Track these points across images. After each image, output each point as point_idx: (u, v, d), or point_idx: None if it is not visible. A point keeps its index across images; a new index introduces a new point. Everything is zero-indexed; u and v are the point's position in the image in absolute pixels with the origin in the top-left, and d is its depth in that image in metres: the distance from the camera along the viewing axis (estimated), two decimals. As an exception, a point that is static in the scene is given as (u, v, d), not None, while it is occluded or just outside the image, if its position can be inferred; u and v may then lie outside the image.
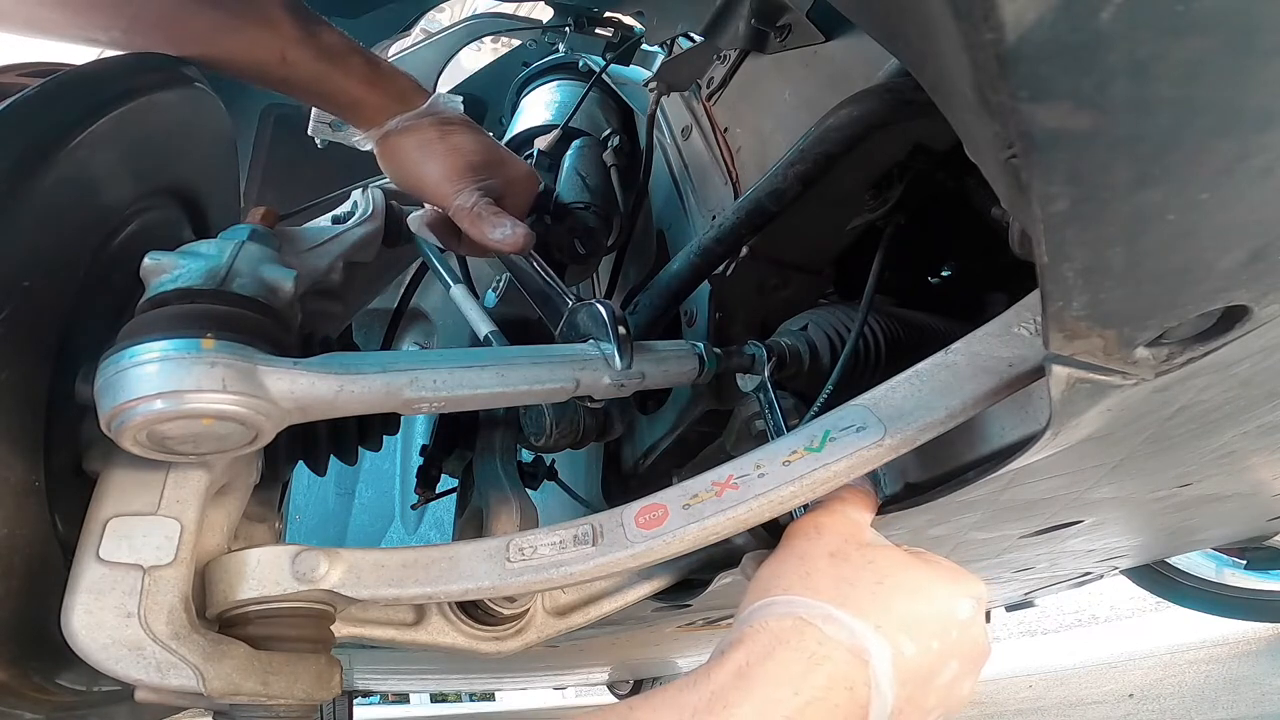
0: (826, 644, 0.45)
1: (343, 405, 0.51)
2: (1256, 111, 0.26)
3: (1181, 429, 0.58)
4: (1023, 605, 2.16)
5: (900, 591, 0.48)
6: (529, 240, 0.72)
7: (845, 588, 0.47)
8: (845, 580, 0.48)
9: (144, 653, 0.47)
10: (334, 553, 0.53)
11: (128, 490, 0.51)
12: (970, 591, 0.50)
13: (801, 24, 0.83)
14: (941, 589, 0.49)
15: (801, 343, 0.77)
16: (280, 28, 0.67)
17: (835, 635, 0.45)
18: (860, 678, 0.44)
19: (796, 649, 0.45)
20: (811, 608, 0.46)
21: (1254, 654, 2.17)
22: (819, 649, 0.44)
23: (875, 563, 0.49)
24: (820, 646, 0.45)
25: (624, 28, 1.25)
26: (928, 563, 0.51)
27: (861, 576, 0.48)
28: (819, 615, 0.46)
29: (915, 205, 0.78)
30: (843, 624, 0.45)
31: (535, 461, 0.97)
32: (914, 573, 0.49)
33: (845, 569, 0.49)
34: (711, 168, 0.95)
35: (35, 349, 0.51)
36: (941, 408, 0.50)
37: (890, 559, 0.50)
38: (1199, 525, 1.21)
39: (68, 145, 0.51)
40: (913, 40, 0.37)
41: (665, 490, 0.54)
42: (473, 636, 0.67)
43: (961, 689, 0.50)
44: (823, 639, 0.45)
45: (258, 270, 0.56)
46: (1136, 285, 0.34)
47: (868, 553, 0.50)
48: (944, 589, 0.49)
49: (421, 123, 0.73)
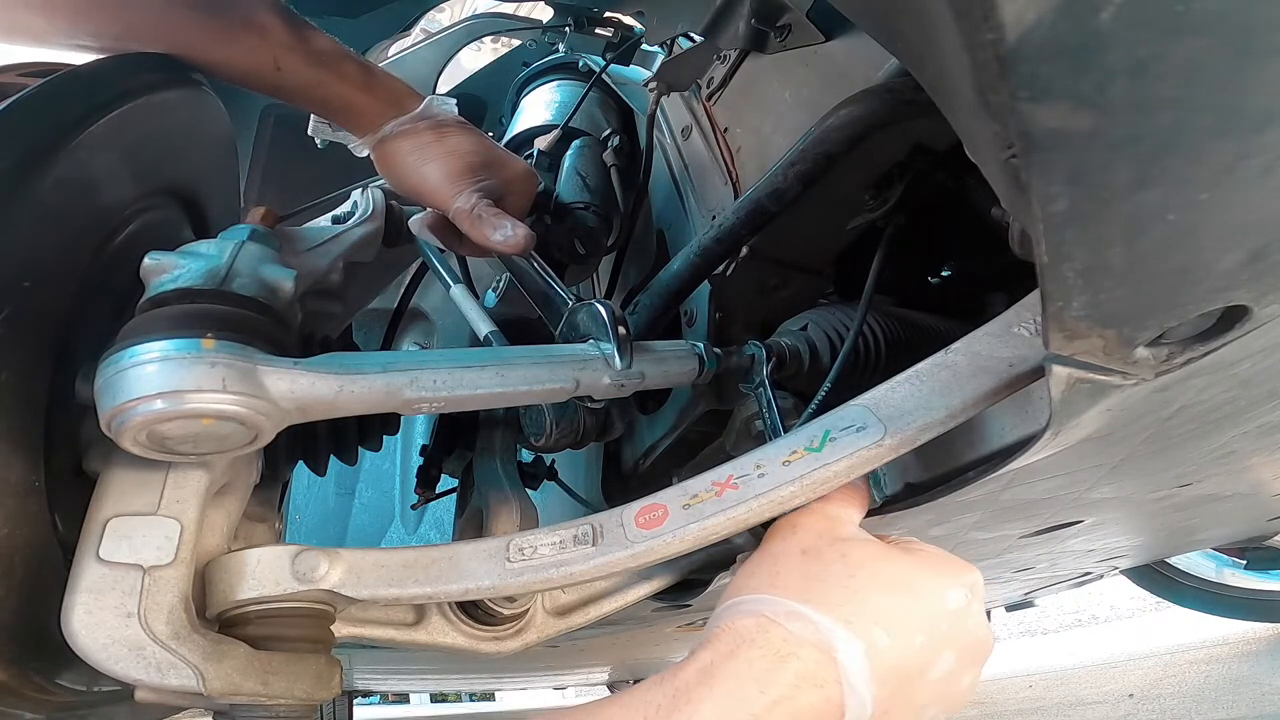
0: (792, 641, 0.44)
1: (343, 405, 0.51)
2: (1256, 111, 0.26)
3: (1181, 429, 0.58)
4: (1023, 605, 2.16)
5: (875, 584, 0.46)
6: (529, 241, 0.72)
7: (813, 584, 0.46)
8: (814, 576, 0.47)
9: (144, 653, 0.47)
10: (334, 553, 0.53)
11: (128, 490, 0.51)
12: (960, 580, 0.48)
13: (801, 24, 0.83)
14: (924, 579, 0.47)
15: (801, 343, 0.77)
16: (271, 35, 0.67)
17: (800, 632, 0.44)
18: (830, 675, 0.43)
19: (761, 647, 0.44)
20: (776, 605, 0.45)
21: (1254, 654, 2.18)
22: (784, 646, 0.43)
23: (848, 556, 0.48)
24: (785, 644, 0.44)
25: (624, 28, 1.25)
26: (910, 553, 0.49)
27: (832, 572, 0.47)
28: (783, 613, 0.45)
29: (915, 205, 0.78)
30: (808, 620, 0.44)
31: (535, 461, 0.97)
32: (892, 564, 0.47)
33: (815, 565, 0.48)
34: (711, 168, 0.95)
35: (35, 349, 0.51)
36: (941, 408, 0.50)
37: (865, 552, 0.48)
38: (1199, 525, 1.21)
39: (68, 145, 0.51)
40: (913, 40, 0.37)
41: (665, 490, 0.54)
42: (473, 636, 0.67)
43: (960, 684, 0.48)
44: (788, 636, 0.44)
45: (258, 270, 0.56)
46: (1136, 285, 0.34)
47: (841, 547, 0.49)
48: (927, 579, 0.47)
49: (417, 126, 0.73)
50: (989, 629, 0.49)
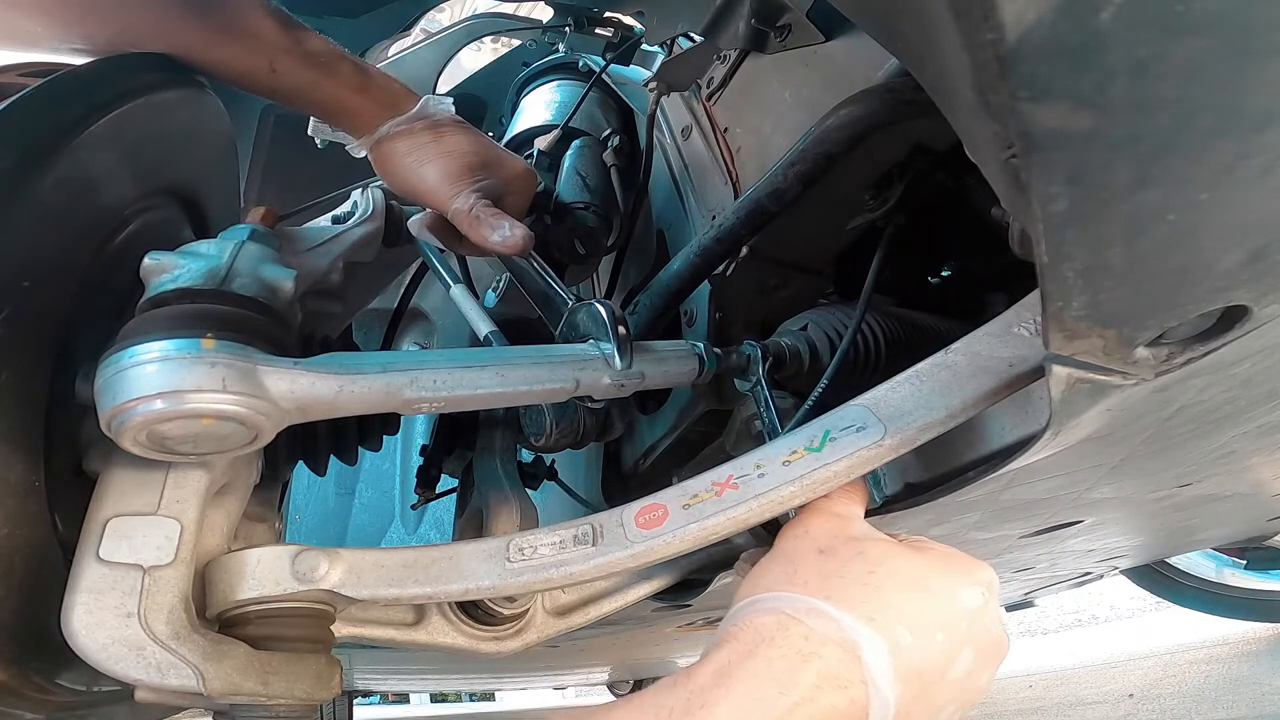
0: (814, 639, 0.42)
1: (343, 405, 0.51)
2: (1256, 111, 0.26)
3: (1181, 429, 0.58)
4: (1023, 605, 2.16)
5: (894, 582, 0.45)
6: (529, 241, 0.71)
7: (833, 581, 0.45)
8: (833, 574, 0.45)
9: (144, 653, 0.47)
10: (334, 553, 0.53)
11: (128, 490, 0.51)
12: (976, 579, 0.47)
13: (801, 24, 0.83)
14: (940, 577, 0.46)
15: (801, 342, 0.77)
16: (266, 37, 0.66)
17: (823, 630, 0.42)
18: (855, 675, 0.41)
19: (781, 646, 0.42)
20: (797, 602, 0.44)
21: (1254, 654, 2.18)
22: (806, 645, 0.42)
23: (866, 554, 0.47)
24: (807, 643, 0.42)
25: (624, 28, 1.25)
26: (925, 551, 0.48)
27: (851, 569, 0.46)
28: (804, 610, 0.43)
29: (915, 205, 0.78)
30: (831, 618, 0.43)
31: (535, 461, 0.97)
32: (909, 562, 0.46)
33: (833, 563, 0.46)
34: (711, 168, 0.95)
35: (35, 349, 0.51)
36: (941, 408, 0.50)
37: (882, 549, 0.47)
38: (1199, 525, 1.21)
39: (68, 145, 0.51)
40: (913, 40, 0.37)
41: (665, 490, 0.54)
42: (473, 636, 0.67)
43: (977, 683, 0.46)
44: (810, 634, 0.42)
45: (258, 270, 0.56)
46: (1136, 285, 0.34)
47: (857, 544, 0.48)
48: (943, 577, 0.46)
49: (414, 127, 0.73)
50: (1005, 628, 0.49)
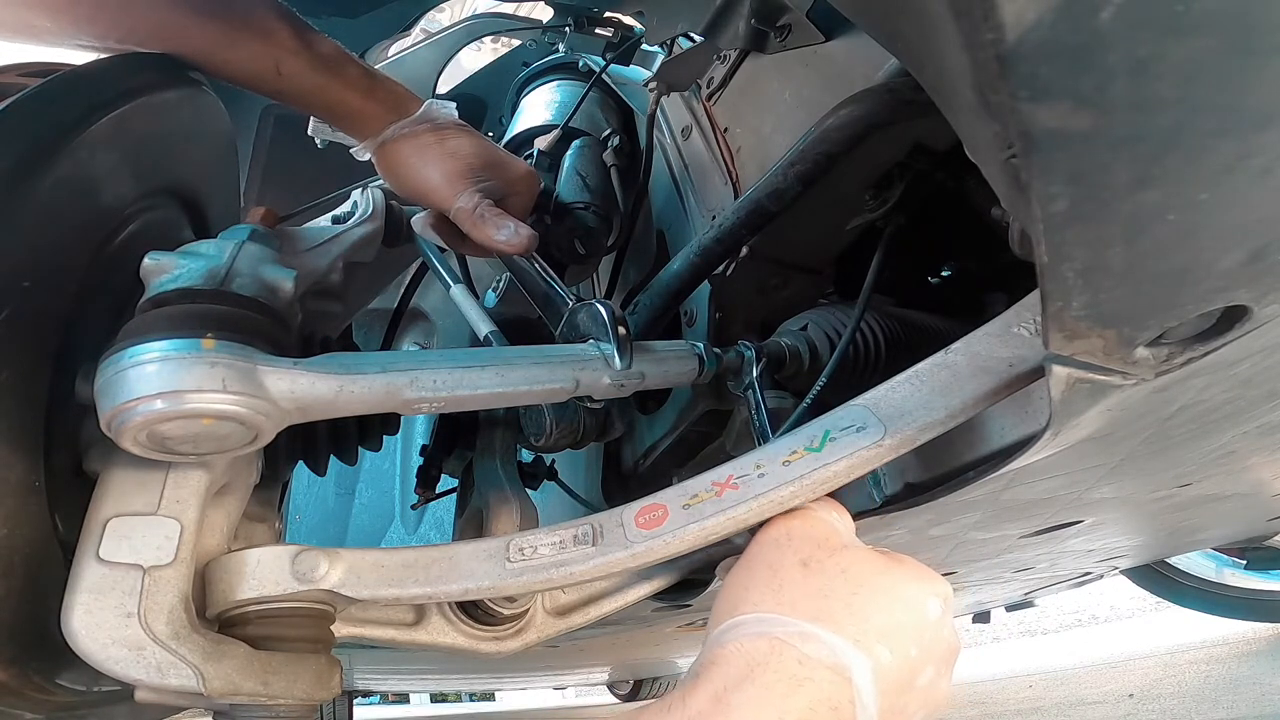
0: (807, 664, 0.43)
1: (343, 405, 0.51)
2: (1256, 111, 0.26)
3: (1181, 429, 0.58)
4: (1023, 605, 2.16)
5: (876, 600, 0.46)
6: (532, 241, 0.72)
7: (820, 601, 0.46)
8: (820, 593, 0.46)
9: (144, 653, 0.47)
10: (334, 553, 0.53)
11: (128, 490, 0.51)
12: (937, 591, 0.49)
13: (801, 24, 0.83)
14: (912, 591, 0.47)
15: (801, 342, 0.77)
16: (275, 39, 0.67)
17: (815, 654, 0.43)
18: (844, 696, 0.43)
19: (776, 671, 0.43)
20: (788, 626, 0.45)
21: (1254, 654, 2.18)
22: (799, 670, 0.43)
23: (849, 571, 0.47)
24: (800, 667, 0.43)
25: (624, 28, 1.25)
26: (899, 564, 0.49)
27: (836, 587, 0.46)
28: (796, 634, 0.44)
29: (915, 205, 0.78)
30: (821, 641, 0.44)
31: (535, 461, 0.97)
32: (887, 578, 0.48)
33: (819, 580, 0.47)
34: (711, 168, 0.95)
35: (35, 349, 0.51)
36: (941, 408, 0.50)
37: (864, 566, 0.48)
38: (1199, 525, 1.22)
39: (68, 145, 0.51)
40: (913, 40, 0.37)
41: (665, 490, 0.54)
42: (473, 636, 0.67)
43: (940, 689, 0.49)
44: (802, 659, 0.43)
45: (258, 270, 0.56)
46: (1136, 285, 0.34)
47: (841, 559, 0.48)
48: (914, 591, 0.48)
49: (418, 129, 0.73)
50: (958, 635, 0.51)
